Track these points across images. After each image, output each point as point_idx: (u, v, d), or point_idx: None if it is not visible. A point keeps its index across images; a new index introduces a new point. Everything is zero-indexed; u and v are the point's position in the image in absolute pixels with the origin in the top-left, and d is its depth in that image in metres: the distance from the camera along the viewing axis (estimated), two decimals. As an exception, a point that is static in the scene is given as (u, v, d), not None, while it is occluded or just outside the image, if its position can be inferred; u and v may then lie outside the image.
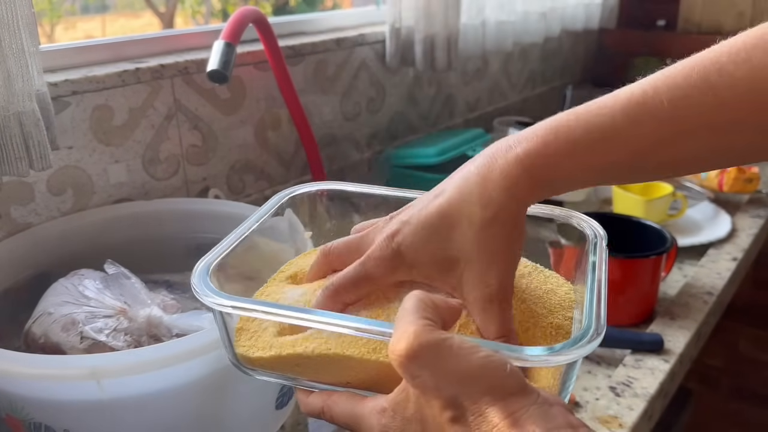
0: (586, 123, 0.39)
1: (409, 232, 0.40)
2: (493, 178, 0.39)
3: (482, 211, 0.39)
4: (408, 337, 0.32)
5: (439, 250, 0.40)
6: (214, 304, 0.38)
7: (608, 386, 0.70)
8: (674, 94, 0.37)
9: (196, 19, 1.30)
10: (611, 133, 0.38)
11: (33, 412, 0.51)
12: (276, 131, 1.04)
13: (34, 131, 0.66)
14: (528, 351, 0.34)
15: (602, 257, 0.42)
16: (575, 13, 1.67)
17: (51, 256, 0.73)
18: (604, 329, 0.36)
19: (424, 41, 1.16)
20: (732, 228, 1.09)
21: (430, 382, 0.32)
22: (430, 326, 0.33)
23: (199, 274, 0.40)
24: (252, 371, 0.42)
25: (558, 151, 0.39)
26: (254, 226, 0.47)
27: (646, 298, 0.85)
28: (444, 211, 0.40)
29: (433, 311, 0.34)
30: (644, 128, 0.38)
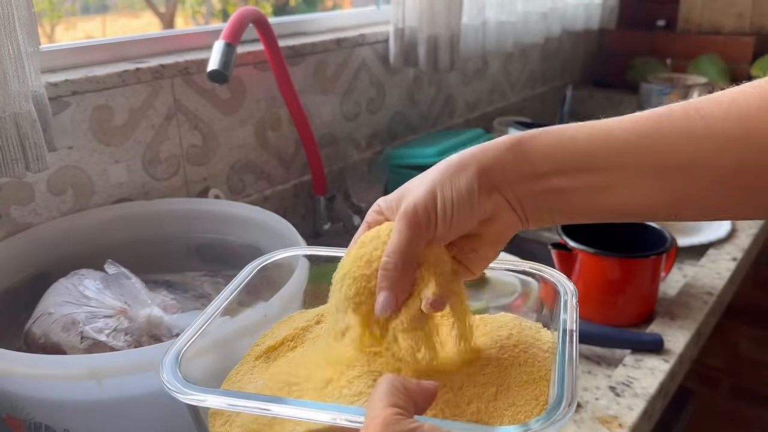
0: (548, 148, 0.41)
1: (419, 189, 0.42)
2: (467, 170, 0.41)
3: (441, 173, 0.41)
4: (376, 426, 0.31)
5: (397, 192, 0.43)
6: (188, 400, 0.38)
7: (608, 386, 0.70)
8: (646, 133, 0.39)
9: (196, 19, 1.31)
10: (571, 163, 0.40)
11: (33, 412, 0.51)
12: (276, 131, 1.04)
13: (30, 132, 0.66)
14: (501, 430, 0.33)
15: (572, 316, 0.42)
16: (575, 13, 1.67)
17: (51, 256, 0.73)
18: (576, 398, 0.35)
19: (427, 41, 1.16)
20: (732, 228, 1.09)
21: None
22: (400, 414, 0.32)
23: (168, 364, 0.40)
24: None
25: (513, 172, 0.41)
26: (224, 303, 0.46)
27: (646, 298, 0.85)
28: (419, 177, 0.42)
29: (404, 396, 0.33)
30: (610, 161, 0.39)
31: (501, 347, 0.43)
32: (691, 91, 1.48)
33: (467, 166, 0.41)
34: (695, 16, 1.83)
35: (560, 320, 0.42)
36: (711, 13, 1.81)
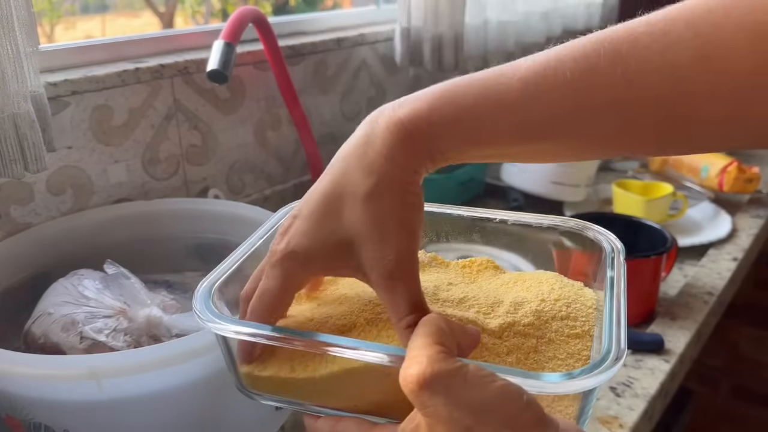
0: (479, 90, 0.35)
1: (298, 228, 0.37)
2: (374, 145, 0.36)
3: (364, 181, 0.35)
4: (420, 364, 0.30)
5: (331, 235, 0.36)
6: (217, 329, 0.37)
7: (608, 386, 0.70)
8: (579, 65, 0.34)
9: (195, 18, 1.30)
10: (504, 103, 0.35)
11: (33, 412, 0.51)
12: (276, 131, 1.04)
13: (29, 133, 0.66)
14: (546, 378, 0.32)
15: (620, 272, 0.40)
16: (576, 13, 1.67)
17: (51, 256, 0.73)
18: (625, 353, 0.34)
19: (432, 41, 1.16)
20: (732, 228, 1.09)
21: (443, 411, 0.29)
22: (445, 353, 0.30)
23: (201, 296, 0.38)
24: (257, 396, 0.40)
25: (443, 118, 0.35)
26: (258, 242, 0.45)
27: (646, 298, 0.85)
28: (328, 192, 0.37)
29: (448, 337, 0.32)
30: (540, 101, 0.34)
31: (542, 300, 0.41)
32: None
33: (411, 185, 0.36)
34: (695, 16, 1.83)
35: (606, 277, 0.40)
36: (711, 13, 1.80)
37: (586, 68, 0.33)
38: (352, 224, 0.36)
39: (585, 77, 0.33)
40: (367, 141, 0.36)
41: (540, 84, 0.34)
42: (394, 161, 0.35)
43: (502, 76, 0.35)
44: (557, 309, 0.41)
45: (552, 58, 0.35)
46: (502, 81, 0.35)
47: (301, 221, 0.37)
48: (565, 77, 0.34)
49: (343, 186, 0.36)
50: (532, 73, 0.35)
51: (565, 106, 0.34)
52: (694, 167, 1.23)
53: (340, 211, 0.36)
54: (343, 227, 0.36)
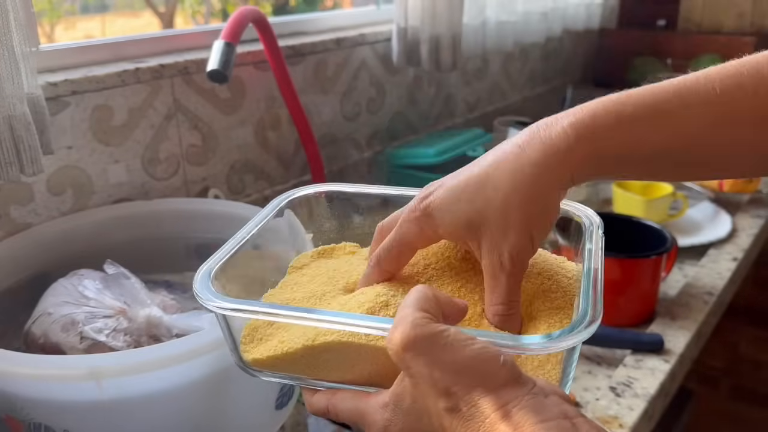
0: (637, 100, 0.39)
1: (440, 194, 0.41)
2: (531, 148, 0.39)
3: (512, 176, 0.38)
4: (404, 328, 0.33)
5: (464, 211, 0.39)
6: (216, 308, 0.39)
7: (608, 386, 0.70)
8: (726, 82, 0.38)
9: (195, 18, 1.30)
10: (661, 113, 0.38)
11: (33, 413, 0.51)
12: (276, 131, 1.04)
13: (25, 135, 0.65)
14: (525, 339, 0.34)
15: (598, 245, 0.42)
16: (576, 13, 1.67)
17: (51, 256, 0.73)
18: (601, 314, 0.36)
19: (429, 41, 1.16)
20: (732, 228, 1.09)
21: (425, 371, 0.32)
22: (428, 318, 0.33)
23: (201, 278, 0.40)
24: (258, 372, 0.42)
25: (605, 124, 0.38)
26: (254, 229, 0.47)
27: (646, 298, 0.85)
28: (475, 176, 0.40)
29: (434, 305, 0.35)
30: (694, 111, 0.38)
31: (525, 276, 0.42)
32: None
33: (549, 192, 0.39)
34: (696, 16, 1.83)
35: (585, 249, 0.42)
36: (711, 13, 1.81)
37: (733, 85, 0.38)
38: (485, 210, 0.39)
39: (732, 93, 0.38)
40: (525, 145, 0.39)
41: (692, 96, 0.38)
42: (547, 167, 0.38)
43: (655, 89, 0.39)
44: (539, 282, 0.42)
45: (701, 76, 0.39)
46: (658, 93, 0.39)
47: (443, 190, 0.41)
48: (715, 92, 0.38)
49: (490, 176, 0.39)
50: (684, 88, 0.38)
51: (715, 116, 0.38)
52: (694, 167, 1.23)
53: (479, 195, 0.39)
54: (477, 209, 0.39)
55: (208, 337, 0.51)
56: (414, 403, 0.34)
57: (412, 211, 0.41)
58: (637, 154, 0.39)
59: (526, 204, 0.38)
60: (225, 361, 0.52)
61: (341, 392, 0.40)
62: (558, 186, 0.39)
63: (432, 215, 0.41)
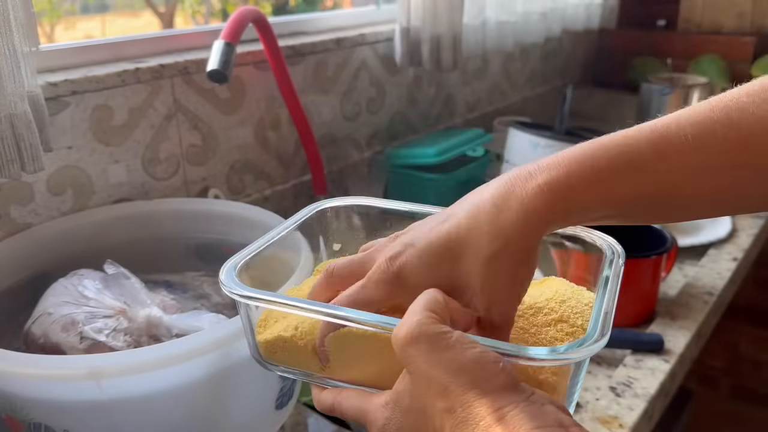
0: (611, 153, 0.38)
1: (413, 256, 0.39)
2: (508, 208, 0.37)
3: (492, 242, 0.37)
4: (410, 324, 0.34)
5: (444, 278, 0.38)
6: (239, 297, 0.41)
7: (608, 386, 0.70)
8: (698, 129, 0.37)
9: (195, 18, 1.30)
10: (636, 164, 0.38)
11: (33, 412, 0.51)
12: (276, 131, 1.04)
13: (25, 133, 0.66)
14: (530, 350, 0.34)
15: (617, 273, 0.42)
16: (576, 13, 1.67)
17: (51, 256, 0.73)
18: (608, 333, 0.36)
19: (430, 41, 1.16)
20: (732, 228, 1.09)
21: (424, 368, 0.33)
22: (434, 318, 0.34)
23: (227, 271, 0.43)
24: (272, 365, 0.44)
25: (581, 181, 0.37)
26: (283, 232, 0.48)
27: (646, 298, 0.85)
28: (452, 238, 0.38)
29: (443, 309, 0.35)
30: (670, 162, 0.37)
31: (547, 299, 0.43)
32: (691, 91, 1.48)
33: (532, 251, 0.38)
34: (695, 16, 1.83)
35: (602, 275, 0.42)
36: (711, 13, 1.81)
37: (705, 132, 0.37)
38: (468, 276, 0.38)
39: (705, 140, 0.37)
40: (501, 204, 0.38)
41: (666, 147, 0.38)
42: (528, 226, 0.37)
43: (628, 139, 0.38)
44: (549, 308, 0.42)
45: (673, 123, 0.38)
46: (631, 144, 0.38)
47: (416, 252, 0.39)
48: (687, 140, 0.37)
49: (468, 239, 0.38)
50: (657, 137, 0.38)
51: (691, 166, 0.37)
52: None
53: (458, 260, 0.38)
54: (459, 276, 0.38)
55: (208, 337, 0.51)
56: (413, 402, 0.34)
57: (383, 272, 0.40)
58: (616, 206, 0.38)
59: (510, 265, 0.37)
60: (225, 361, 0.52)
61: (346, 391, 0.41)
62: (538, 240, 0.38)
63: (406, 280, 0.39)
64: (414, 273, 0.39)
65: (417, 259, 0.39)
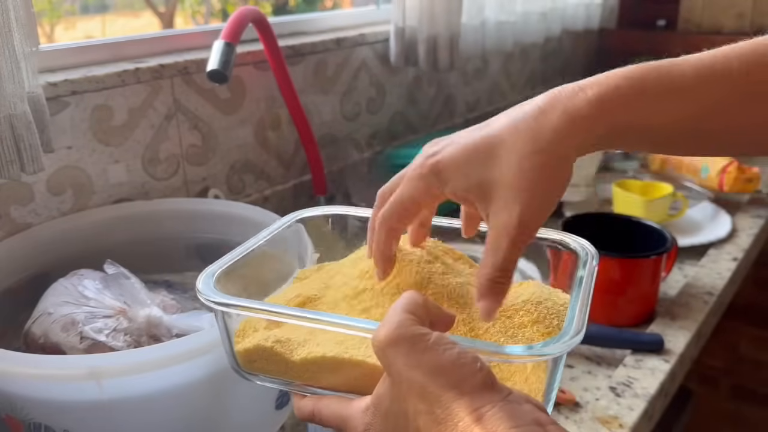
0: (658, 74, 0.39)
1: (450, 151, 0.40)
2: (551, 112, 0.38)
3: (529, 142, 0.37)
4: (389, 326, 0.34)
5: (477, 171, 0.39)
6: (215, 305, 0.40)
7: (608, 386, 0.70)
8: (745, 59, 0.38)
9: (195, 18, 1.30)
10: (682, 86, 0.38)
11: (33, 412, 0.51)
12: (276, 131, 1.04)
13: (25, 134, 0.66)
14: (508, 348, 0.36)
15: (590, 273, 0.43)
16: (575, 13, 1.67)
17: (51, 256, 0.73)
18: (584, 329, 0.36)
19: (427, 41, 1.16)
20: (732, 228, 1.09)
21: (403, 370, 0.33)
22: (413, 320, 0.34)
23: (205, 279, 0.42)
24: (251, 376, 0.44)
25: (628, 95, 0.38)
26: (261, 241, 0.48)
27: (646, 298, 0.85)
28: (490, 137, 0.39)
29: (422, 310, 0.35)
30: (713, 86, 0.38)
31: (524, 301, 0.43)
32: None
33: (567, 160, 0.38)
34: (695, 16, 1.83)
35: (576, 276, 0.43)
36: (711, 13, 1.81)
37: (752, 62, 0.38)
38: (499, 174, 0.38)
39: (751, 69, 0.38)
40: (545, 109, 0.38)
41: (710, 73, 0.39)
42: (566, 134, 0.37)
43: (674, 65, 0.39)
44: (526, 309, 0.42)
45: (719, 54, 0.39)
46: (676, 69, 0.39)
47: (454, 148, 0.40)
48: (732, 67, 0.38)
49: (505, 139, 0.38)
50: (701, 64, 0.39)
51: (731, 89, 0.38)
52: (694, 167, 1.23)
53: (493, 157, 0.38)
54: (490, 172, 0.38)
55: (208, 337, 0.51)
56: (393, 405, 0.34)
57: (419, 168, 0.41)
58: (658, 126, 0.39)
59: (542, 169, 0.37)
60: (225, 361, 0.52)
61: (326, 398, 0.40)
62: (575, 154, 0.38)
63: (440, 174, 0.40)
64: (450, 166, 0.39)
65: (453, 153, 0.39)
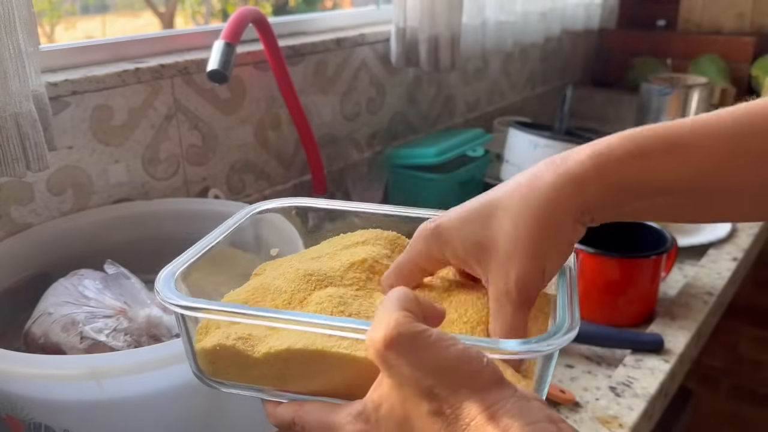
0: (653, 134, 0.39)
1: (451, 215, 0.41)
2: (547, 174, 0.39)
3: (524, 206, 0.38)
4: (387, 325, 0.32)
5: (473, 233, 0.39)
6: (176, 307, 0.38)
7: (608, 386, 0.70)
8: (738, 119, 0.38)
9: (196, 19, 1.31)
10: (677, 145, 0.38)
11: (33, 412, 0.51)
12: (276, 131, 1.04)
13: (31, 132, 0.66)
14: (503, 343, 0.34)
15: (572, 262, 0.42)
16: (575, 13, 1.67)
17: (51, 256, 0.73)
18: (578, 324, 0.36)
19: (428, 41, 1.16)
20: (732, 228, 1.09)
21: (407, 371, 0.31)
22: (410, 317, 0.32)
23: (164, 279, 0.40)
24: (217, 384, 0.40)
25: (622, 154, 0.38)
26: (220, 237, 0.47)
27: (646, 298, 0.85)
28: (489, 201, 0.40)
29: (416, 305, 0.34)
30: (707, 143, 0.38)
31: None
32: (691, 92, 1.48)
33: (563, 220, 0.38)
34: (695, 16, 1.83)
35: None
36: (711, 13, 1.81)
37: (745, 122, 0.38)
38: (495, 234, 0.39)
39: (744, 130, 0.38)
40: (540, 172, 0.39)
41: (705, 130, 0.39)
42: (556, 199, 0.38)
43: (670, 124, 0.40)
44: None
45: (713, 115, 0.39)
46: (672, 127, 0.39)
47: (455, 212, 0.41)
48: (726, 125, 0.38)
49: (502, 203, 0.39)
50: (698, 124, 0.39)
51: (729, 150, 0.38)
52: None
53: (490, 218, 0.39)
54: (486, 232, 0.39)
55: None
56: (393, 409, 0.32)
57: (422, 230, 0.42)
58: (654, 185, 0.39)
59: (538, 229, 0.38)
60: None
61: (309, 404, 0.37)
62: (573, 216, 0.38)
63: (441, 235, 0.41)
64: (450, 228, 0.40)
65: (453, 215, 0.41)
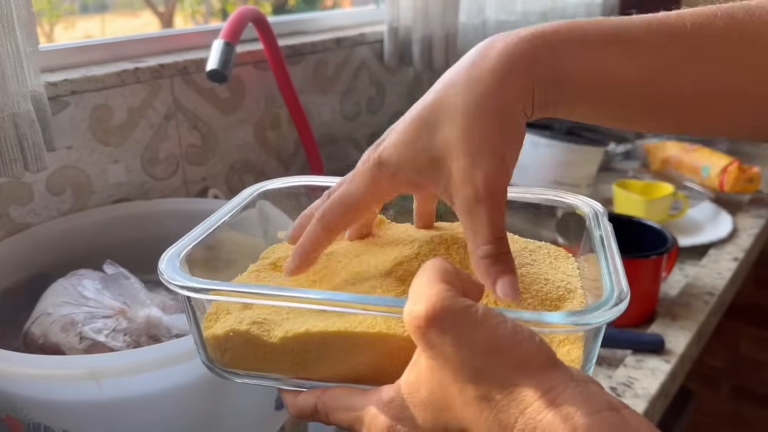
0: (603, 24, 0.35)
1: (392, 139, 0.36)
2: (486, 58, 0.34)
3: (466, 97, 0.34)
4: (429, 299, 0.28)
5: (423, 150, 0.35)
6: (182, 289, 0.35)
7: (609, 387, 0.70)
8: (698, 20, 0.35)
9: (195, 18, 1.30)
10: (629, 40, 0.35)
11: (32, 413, 0.51)
12: (276, 131, 1.04)
13: (29, 132, 0.66)
14: (547, 316, 0.30)
15: (608, 230, 0.39)
16: (575, 13, 1.67)
17: (50, 256, 0.73)
18: (628, 294, 0.32)
19: (422, 41, 1.16)
20: (733, 228, 1.09)
21: (451, 352, 0.27)
22: (454, 292, 0.28)
23: (169, 260, 0.37)
24: (230, 374, 0.38)
25: (569, 43, 0.34)
26: (225, 217, 0.44)
27: (646, 298, 0.85)
28: (428, 107, 0.35)
29: (456, 278, 0.30)
30: (662, 42, 0.35)
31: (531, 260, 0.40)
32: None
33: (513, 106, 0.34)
34: (695, 16, 1.83)
35: (595, 236, 0.38)
36: (711, 13, 1.80)
37: (705, 23, 0.35)
38: (446, 141, 0.34)
39: (703, 31, 0.35)
40: (479, 57, 0.34)
41: (661, 28, 0.35)
42: (505, 77, 0.33)
43: (624, 18, 0.36)
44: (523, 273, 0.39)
45: (673, 14, 0.36)
46: (626, 21, 0.36)
47: (396, 134, 0.36)
48: (685, 27, 0.35)
49: (444, 100, 0.34)
50: (655, 20, 0.36)
51: (683, 53, 0.35)
52: (694, 167, 1.23)
53: (436, 126, 0.34)
54: (437, 143, 0.34)
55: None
56: (433, 394, 0.29)
57: (364, 162, 0.37)
58: (604, 83, 0.35)
59: (490, 119, 0.33)
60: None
61: (332, 390, 0.34)
62: (521, 100, 0.34)
63: (385, 163, 0.36)
64: (394, 153, 0.35)
65: (395, 140, 0.36)
